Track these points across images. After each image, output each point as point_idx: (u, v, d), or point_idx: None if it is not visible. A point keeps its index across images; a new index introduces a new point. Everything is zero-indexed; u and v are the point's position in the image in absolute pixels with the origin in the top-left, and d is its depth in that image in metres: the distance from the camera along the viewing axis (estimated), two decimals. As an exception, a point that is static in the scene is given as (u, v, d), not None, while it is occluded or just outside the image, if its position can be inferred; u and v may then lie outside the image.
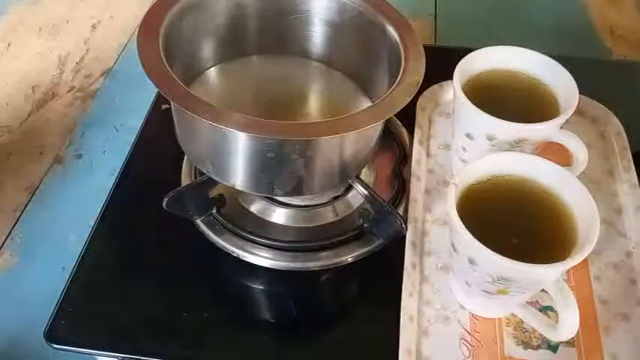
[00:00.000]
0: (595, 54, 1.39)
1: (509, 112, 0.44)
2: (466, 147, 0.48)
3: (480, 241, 0.35)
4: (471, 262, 0.37)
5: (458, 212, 0.37)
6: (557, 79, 0.47)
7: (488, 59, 0.49)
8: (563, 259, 0.35)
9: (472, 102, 0.44)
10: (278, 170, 0.43)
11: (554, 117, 0.43)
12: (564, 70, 0.46)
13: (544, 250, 0.38)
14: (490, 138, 0.45)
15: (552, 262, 0.35)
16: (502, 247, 0.35)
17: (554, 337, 0.39)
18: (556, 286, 0.35)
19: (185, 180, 0.53)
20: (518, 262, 0.34)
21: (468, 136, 0.47)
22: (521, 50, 0.49)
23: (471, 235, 0.36)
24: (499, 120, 0.43)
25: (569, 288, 0.35)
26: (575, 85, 0.45)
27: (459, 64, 0.47)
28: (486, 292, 0.39)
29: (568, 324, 0.36)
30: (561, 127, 0.44)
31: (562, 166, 0.41)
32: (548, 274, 0.35)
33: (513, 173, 0.42)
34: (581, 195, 0.39)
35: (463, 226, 0.36)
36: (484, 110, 0.44)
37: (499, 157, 0.42)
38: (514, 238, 0.39)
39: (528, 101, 0.48)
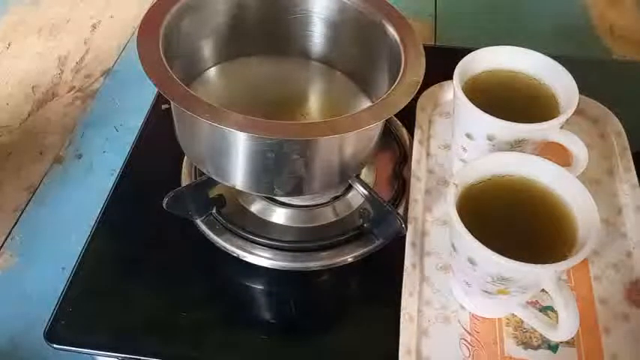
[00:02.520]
0: (595, 54, 1.39)
1: (509, 112, 0.44)
2: (466, 147, 0.48)
3: (480, 240, 0.35)
4: (471, 262, 0.37)
5: (458, 212, 0.37)
6: (557, 79, 0.47)
7: (488, 59, 0.49)
8: (563, 259, 0.35)
9: (472, 102, 0.44)
10: (278, 170, 0.43)
11: (554, 117, 0.43)
12: (564, 70, 0.46)
13: (544, 250, 0.38)
14: (490, 138, 0.45)
15: (552, 262, 0.35)
16: (502, 246, 0.35)
17: (555, 338, 0.39)
18: (556, 287, 0.35)
19: (185, 180, 0.53)
20: (519, 262, 0.34)
21: (468, 136, 0.47)
22: (521, 50, 0.49)
23: (471, 235, 0.36)
24: (499, 120, 0.43)
25: (569, 288, 0.35)
26: (575, 85, 0.45)
27: (459, 64, 0.47)
28: (486, 292, 0.39)
29: (568, 324, 0.36)
30: (561, 127, 0.44)
31: (562, 166, 0.41)
32: (548, 274, 0.35)
33: (513, 173, 0.42)
34: (581, 195, 0.39)
35: (463, 226, 0.36)
36: (484, 110, 0.44)
37: (499, 157, 0.42)
38: (514, 238, 0.39)
39: (528, 101, 0.48)
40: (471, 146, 0.47)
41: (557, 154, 0.45)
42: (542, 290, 0.39)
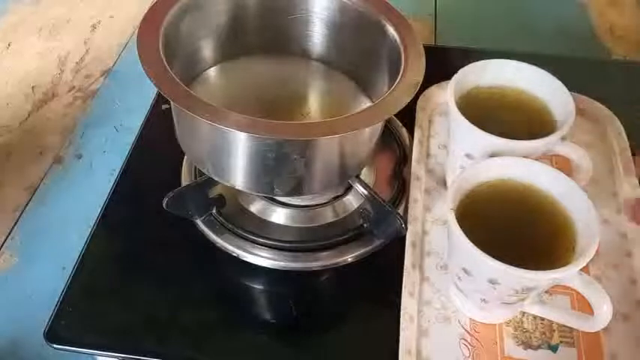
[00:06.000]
0: (595, 54, 1.39)
1: (503, 126, 0.43)
2: (466, 167, 0.47)
3: (480, 247, 0.35)
4: (493, 282, 0.37)
5: (458, 220, 0.37)
6: (549, 92, 0.46)
7: (480, 74, 0.47)
8: (567, 261, 0.36)
9: (466, 117, 0.43)
10: (278, 170, 0.43)
11: (551, 128, 0.43)
12: (560, 83, 0.45)
13: (546, 254, 0.38)
14: (492, 157, 0.43)
15: (559, 264, 0.35)
16: (502, 253, 0.35)
17: (589, 328, 0.39)
18: (581, 282, 0.36)
19: (185, 180, 0.53)
20: (544, 272, 0.34)
21: (468, 156, 0.45)
22: (515, 64, 0.47)
23: (494, 259, 0.35)
24: (504, 139, 0.42)
25: (594, 280, 0.36)
26: (570, 95, 0.44)
27: (450, 82, 0.45)
28: (506, 303, 0.39)
29: (605, 313, 0.36)
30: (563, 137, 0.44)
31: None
32: (566, 275, 0.35)
33: (512, 178, 0.41)
34: (579, 198, 0.39)
35: (484, 254, 0.35)
36: (478, 126, 0.42)
37: (497, 161, 0.41)
38: (516, 244, 0.39)
39: (522, 115, 0.47)
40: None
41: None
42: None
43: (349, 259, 0.48)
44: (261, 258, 0.47)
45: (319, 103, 0.54)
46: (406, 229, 0.46)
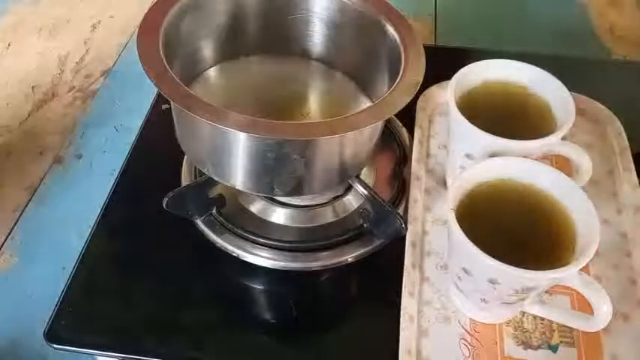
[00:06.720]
0: (595, 54, 1.39)
1: (503, 126, 0.43)
2: (466, 167, 0.47)
3: (480, 247, 0.35)
4: (493, 282, 0.37)
5: (458, 220, 0.37)
6: (550, 91, 0.46)
7: (480, 74, 0.47)
8: (567, 261, 0.36)
9: (466, 117, 0.43)
10: (278, 170, 0.43)
11: (551, 128, 0.43)
12: (560, 83, 0.45)
13: (546, 254, 0.38)
14: (492, 157, 0.43)
15: (559, 264, 0.35)
16: (506, 254, 0.35)
17: (590, 328, 0.39)
18: (581, 282, 0.36)
19: (185, 180, 0.53)
20: (544, 272, 0.34)
21: (468, 156, 0.45)
22: (515, 64, 0.47)
23: (494, 259, 0.35)
24: (505, 140, 0.42)
25: (594, 280, 0.36)
26: (569, 94, 0.44)
27: (450, 82, 0.45)
28: (506, 303, 0.39)
29: (604, 313, 0.36)
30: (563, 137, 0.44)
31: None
32: (566, 275, 0.36)
33: (512, 178, 0.41)
34: (579, 199, 0.39)
35: (484, 254, 0.35)
36: (478, 126, 0.42)
37: (497, 162, 0.41)
38: (516, 244, 0.39)
39: (522, 115, 0.46)
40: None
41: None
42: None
43: (349, 259, 0.48)
44: (261, 258, 0.47)
45: (319, 103, 0.54)
46: (406, 229, 0.46)
